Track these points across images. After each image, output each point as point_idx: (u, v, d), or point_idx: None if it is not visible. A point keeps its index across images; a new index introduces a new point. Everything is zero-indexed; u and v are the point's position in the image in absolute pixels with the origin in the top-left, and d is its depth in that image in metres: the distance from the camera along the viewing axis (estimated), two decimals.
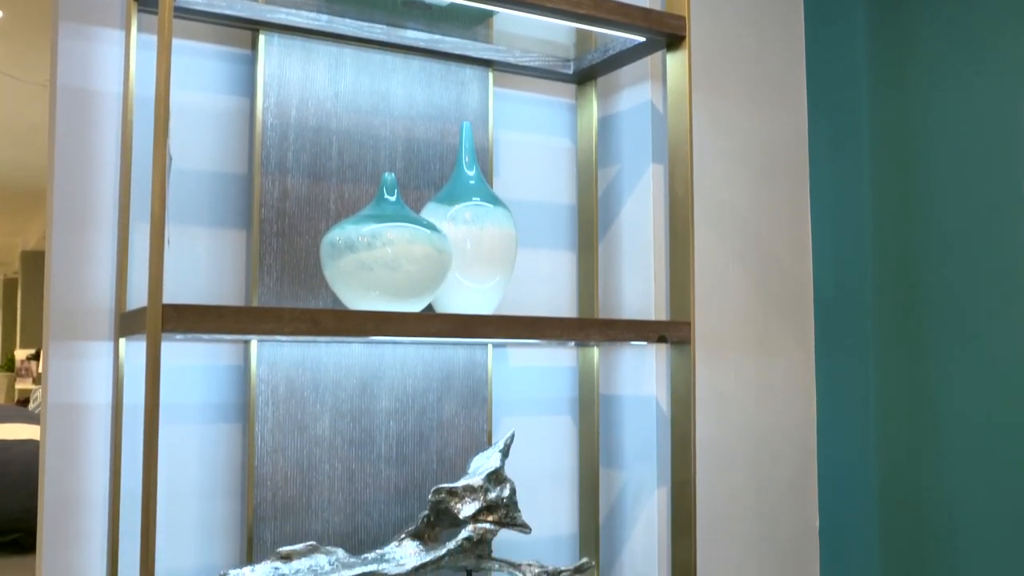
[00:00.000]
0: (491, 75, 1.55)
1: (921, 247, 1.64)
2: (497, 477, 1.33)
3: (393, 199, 1.26)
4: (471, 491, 1.31)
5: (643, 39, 1.43)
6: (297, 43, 1.40)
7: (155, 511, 1.04)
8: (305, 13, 1.36)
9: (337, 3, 1.33)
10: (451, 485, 1.31)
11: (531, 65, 1.57)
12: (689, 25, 1.42)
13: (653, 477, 1.57)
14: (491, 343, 1.49)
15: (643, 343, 1.46)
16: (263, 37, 1.37)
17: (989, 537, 1.53)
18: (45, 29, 4.32)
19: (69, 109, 1.29)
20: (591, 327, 1.32)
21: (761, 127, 1.77)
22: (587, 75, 1.62)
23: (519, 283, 1.61)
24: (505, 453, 1.35)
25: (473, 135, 1.52)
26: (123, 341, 1.26)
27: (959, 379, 1.58)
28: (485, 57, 1.52)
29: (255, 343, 1.33)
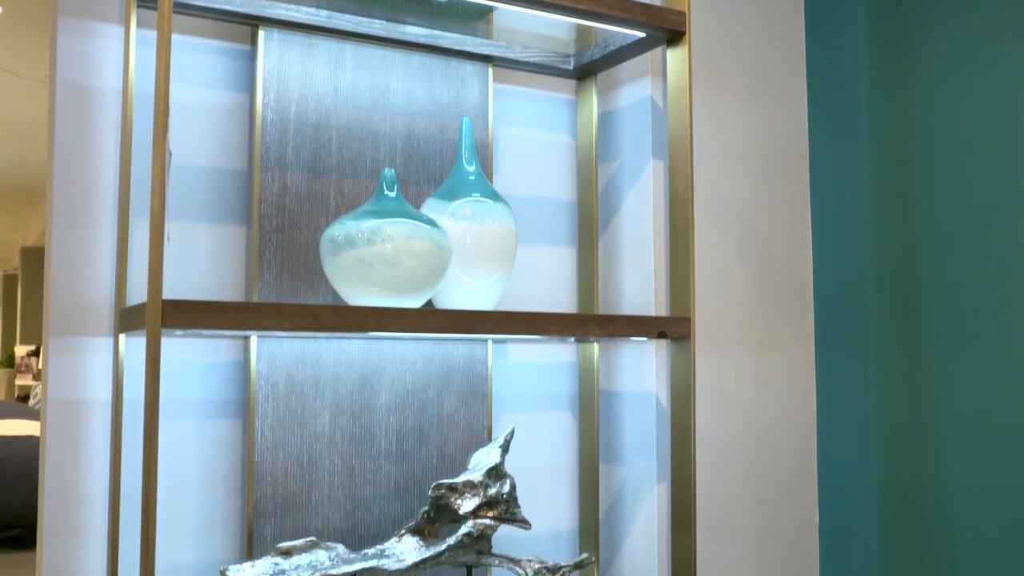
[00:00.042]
0: (491, 71, 1.55)
1: (921, 244, 1.64)
2: (497, 473, 1.33)
3: (393, 195, 1.26)
4: (471, 487, 1.31)
5: (643, 35, 1.43)
6: (297, 39, 1.40)
7: (155, 507, 1.04)
8: (305, 8, 1.36)
9: None
10: (451, 481, 1.31)
11: (531, 61, 1.57)
12: (689, 21, 1.42)
13: (653, 473, 1.57)
14: (491, 339, 1.49)
15: (643, 339, 1.46)
16: (263, 33, 1.37)
17: (989, 535, 1.53)
18: (44, 25, 4.31)
19: (69, 105, 1.29)
20: (591, 323, 1.32)
21: (761, 123, 1.77)
22: (587, 71, 1.62)
23: (519, 279, 1.61)
24: (505, 449, 1.35)
25: (473, 131, 1.52)
26: (123, 337, 1.26)
27: (959, 375, 1.58)
28: (485, 53, 1.52)
29: (255, 339, 1.33)
